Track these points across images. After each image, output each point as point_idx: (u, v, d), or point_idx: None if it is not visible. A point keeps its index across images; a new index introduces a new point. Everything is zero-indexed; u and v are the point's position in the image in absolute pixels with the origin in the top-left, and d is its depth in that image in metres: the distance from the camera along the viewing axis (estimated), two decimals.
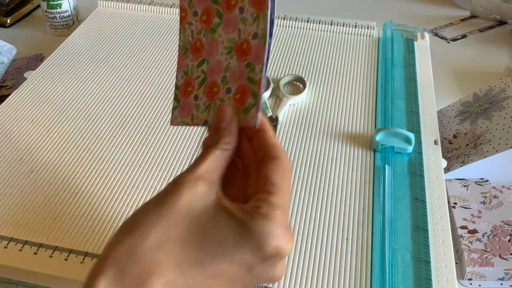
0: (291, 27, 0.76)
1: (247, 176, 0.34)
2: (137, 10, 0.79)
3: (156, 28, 0.75)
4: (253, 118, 0.33)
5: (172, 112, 0.38)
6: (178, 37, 0.38)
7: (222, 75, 0.35)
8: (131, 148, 0.55)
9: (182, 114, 0.37)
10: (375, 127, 0.58)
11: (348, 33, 0.74)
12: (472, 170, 0.58)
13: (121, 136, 0.56)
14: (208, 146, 0.33)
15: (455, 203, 0.54)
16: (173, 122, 0.38)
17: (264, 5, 0.33)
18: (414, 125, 0.58)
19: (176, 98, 0.37)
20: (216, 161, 0.32)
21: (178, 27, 0.37)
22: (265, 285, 0.42)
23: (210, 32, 0.36)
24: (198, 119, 0.36)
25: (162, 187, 0.50)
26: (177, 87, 0.38)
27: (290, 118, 0.59)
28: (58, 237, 0.46)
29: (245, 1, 0.34)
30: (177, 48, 0.37)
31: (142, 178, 0.52)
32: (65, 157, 0.54)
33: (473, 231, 0.51)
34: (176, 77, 0.38)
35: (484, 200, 0.55)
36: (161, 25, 0.76)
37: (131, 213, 0.48)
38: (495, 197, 0.55)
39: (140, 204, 0.49)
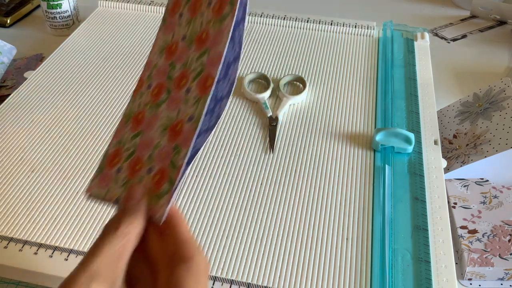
0: (291, 27, 0.76)
1: (156, 277, 0.29)
2: (137, 10, 0.79)
3: (156, 28, 0.75)
4: (161, 208, 0.30)
5: (91, 181, 0.35)
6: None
7: (150, 152, 0.33)
8: None
9: (99, 185, 0.34)
10: (375, 127, 0.58)
11: (348, 33, 0.74)
12: (472, 170, 0.58)
13: None
14: (107, 227, 0.28)
15: (455, 203, 0.54)
16: (88, 191, 0.34)
17: (208, 89, 0.32)
18: (414, 125, 0.58)
19: (99, 167, 0.35)
20: (116, 251, 0.27)
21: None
22: (265, 285, 0.42)
23: (155, 107, 0.35)
24: (112, 195, 0.33)
25: None
26: (105, 155, 0.36)
27: (290, 118, 0.59)
28: (58, 237, 0.46)
29: (194, 83, 0.33)
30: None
31: None
32: (65, 156, 0.54)
33: (473, 231, 0.51)
34: (109, 144, 0.36)
35: (484, 200, 0.55)
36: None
37: None
38: (495, 197, 0.55)
39: None
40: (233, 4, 0.32)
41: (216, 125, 0.34)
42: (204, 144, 0.34)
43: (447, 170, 0.58)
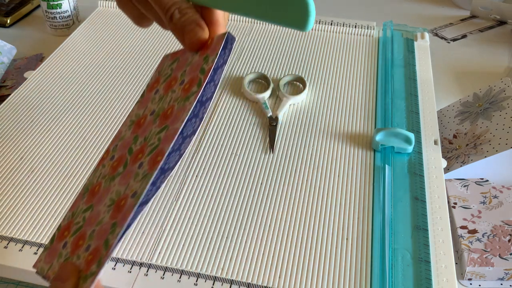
0: None
1: None
2: None
3: (156, 28, 0.75)
4: None
5: (41, 254, 0.34)
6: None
7: (93, 228, 0.33)
8: None
9: (46, 259, 0.34)
10: (375, 127, 0.58)
11: (348, 33, 0.74)
12: (472, 170, 0.58)
13: None
14: None
15: (455, 203, 0.54)
16: (35, 266, 0.34)
17: (156, 165, 0.31)
18: (414, 125, 0.58)
19: (51, 240, 0.35)
20: None
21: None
22: (265, 285, 0.42)
23: (111, 180, 0.34)
24: (52, 272, 0.33)
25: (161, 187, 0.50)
26: (58, 227, 0.35)
27: (290, 118, 0.59)
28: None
29: (147, 158, 0.32)
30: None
31: None
32: (65, 156, 0.54)
33: (473, 231, 0.51)
34: (64, 216, 0.35)
35: (484, 200, 0.55)
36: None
37: None
38: (495, 197, 0.55)
39: None
40: (200, 85, 0.33)
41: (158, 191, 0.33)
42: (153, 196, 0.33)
43: (447, 170, 0.58)
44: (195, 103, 0.32)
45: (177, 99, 0.34)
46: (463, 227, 0.52)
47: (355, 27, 0.75)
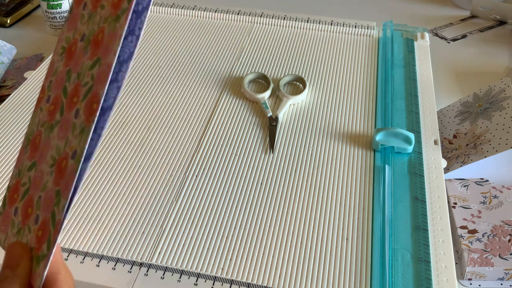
0: (291, 27, 0.76)
1: None
2: None
3: (156, 28, 0.75)
4: (38, 276, 0.27)
5: None
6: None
7: (39, 194, 0.28)
8: (130, 148, 0.55)
9: (1, 227, 0.30)
10: (375, 127, 0.58)
11: (348, 33, 0.74)
12: (472, 170, 0.58)
13: (120, 136, 0.56)
14: None
15: (455, 203, 0.54)
16: None
17: (92, 116, 0.26)
18: (414, 125, 0.58)
19: (3, 202, 0.30)
20: None
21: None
22: (265, 285, 0.42)
23: (50, 129, 0.29)
24: (8, 243, 0.29)
25: (161, 187, 0.50)
26: (8, 188, 0.31)
27: (290, 118, 0.59)
28: (58, 237, 0.46)
29: (82, 104, 0.27)
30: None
31: (141, 178, 0.52)
32: None
33: (473, 231, 0.51)
34: (12, 174, 0.31)
35: (484, 200, 0.55)
36: (160, 25, 0.76)
37: (129, 214, 0.48)
38: (495, 197, 0.55)
39: (138, 205, 0.49)
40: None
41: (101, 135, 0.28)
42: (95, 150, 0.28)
43: (447, 170, 0.58)
44: (126, 25, 0.27)
45: (106, 18, 0.28)
46: (463, 227, 0.52)
47: (355, 27, 0.74)
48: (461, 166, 0.58)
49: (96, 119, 0.26)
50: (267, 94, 0.62)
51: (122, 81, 0.28)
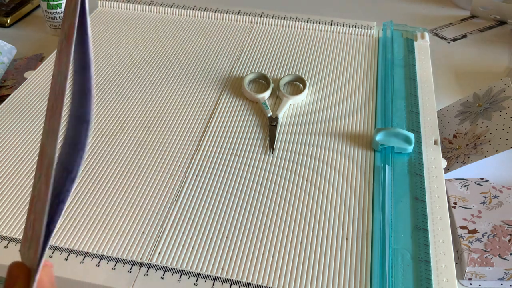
0: (291, 27, 0.76)
1: None
2: (137, 10, 0.79)
3: (156, 28, 0.75)
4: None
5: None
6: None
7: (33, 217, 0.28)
8: (130, 148, 0.55)
9: (22, 241, 0.30)
10: (375, 127, 0.58)
11: (348, 33, 0.74)
12: (472, 170, 0.58)
13: (120, 136, 0.56)
14: None
15: (455, 203, 0.54)
16: (20, 250, 0.30)
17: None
18: (414, 125, 0.58)
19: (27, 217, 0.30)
20: None
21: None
22: (265, 285, 0.42)
23: (45, 136, 0.29)
24: (24, 258, 0.29)
25: (161, 187, 0.50)
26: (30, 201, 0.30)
27: (290, 118, 0.59)
28: (58, 237, 0.46)
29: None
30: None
31: (141, 178, 0.52)
32: None
33: (473, 231, 0.51)
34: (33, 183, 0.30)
35: (484, 200, 0.55)
36: (161, 25, 0.76)
37: (129, 214, 0.48)
38: (495, 197, 0.55)
39: (138, 205, 0.49)
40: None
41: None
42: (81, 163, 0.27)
43: (447, 170, 0.58)
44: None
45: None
46: (463, 227, 0.52)
47: (355, 27, 0.74)
48: (461, 166, 0.58)
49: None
50: (267, 94, 0.62)
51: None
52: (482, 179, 0.57)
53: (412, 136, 0.54)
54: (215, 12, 0.77)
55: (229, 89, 0.64)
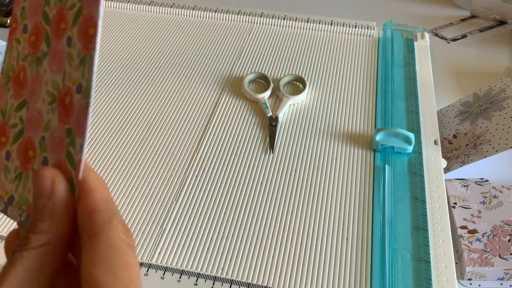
0: (291, 27, 0.76)
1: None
2: (137, 10, 0.79)
3: (156, 28, 0.75)
4: None
5: None
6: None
7: (41, 135, 0.25)
8: (130, 148, 0.55)
9: None
10: (375, 127, 0.58)
11: (348, 33, 0.74)
12: (472, 170, 0.58)
13: (120, 136, 0.56)
14: (16, 247, 0.21)
15: (455, 203, 0.54)
16: None
17: (92, 41, 0.23)
18: (414, 125, 0.58)
19: None
20: (28, 272, 0.21)
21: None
22: (265, 285, 0.42)
23: (36, 63, 0.26)
24: (3, 191, 0.26)
25: (161, 187, 0.50)
26: None
27: (290, 118, 0.59)
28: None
29: (74, 29, 0.24)
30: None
31: (141, 178, 0.52)
32: None
33: (473, 231, 0.51)
34: None
35: (484, 200, 0.55)
36: (161, 25, 0.76)
37: (129, 214, 0.48)
38: (495, 197, 0.55)
39: (138, 205, 0.49)
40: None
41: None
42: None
43: (447, 170, 0.58)
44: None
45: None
46: (463, 227, 0.52)
47: (355, 27, 0.74)
48: (461, 166, 0.58)
49: (97, 45, 0.23)
50: (267, 94, 0.62)
51: None
52: (482, 179, 0.57)
53: (412, 136, 0.54)
54: (215, 12, 0.77)
55: (229, 89, 0.64)
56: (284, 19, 0.76)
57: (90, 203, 0.22)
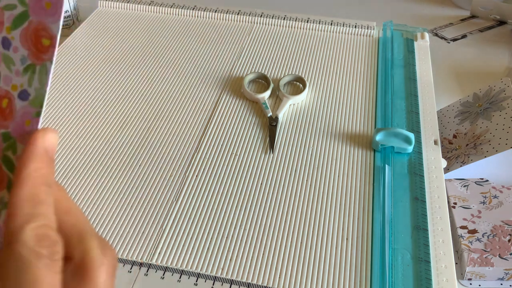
0: (291, 27, 0.76)
1: None
2: (137, 10, 0.79)
3: (156, 28, 0.75)
4: None
5: None
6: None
7: None
8: (130, 148, 0.55)
9: None
10: (375, 127, 0.58)
11: (348, 33, 0.74)
12: (472, 170, 0.58)
13: (120, 136, 0.56)
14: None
15: (455, 203, 0.54)
16: None
17: (47, 55, 0.22)
18: (414, 125, 0.58)
19: None
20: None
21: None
22: (265, 285, 0.42)
23: None
24: None
25: (161, 187, 0.50)
26: None
27: (290, 118, 0.59)
28: None
29: (14, 32, 0.22)
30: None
31: (141, 178, 0.52)
32: (64, 157, 0.54)
33: (473, 231, 0.51)
34: None
35: (484, 200, 0.55)
36: (161, 25, 0.76)
37: (129, 214, 0.48)
38: (495, 197, 0.55)
39: (138, 205, 0.49)
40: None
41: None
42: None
43: (447, 170, 0.58)
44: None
45: None
46: (463, 227, 0.52)
47: (355, 27, 0.74)
48: (461, 166, 0.58)
49: (53, 58, 0.22)
50: (267, 94, 0.62)
51: None
52: (482, 179, 0.57)
53: (412, 136, 0.54)
54: (215, 12, 0.77)
55: (229, 89, 0.64)
56: (284, 19, 0.76)
57: (10, 204, 0.20)
